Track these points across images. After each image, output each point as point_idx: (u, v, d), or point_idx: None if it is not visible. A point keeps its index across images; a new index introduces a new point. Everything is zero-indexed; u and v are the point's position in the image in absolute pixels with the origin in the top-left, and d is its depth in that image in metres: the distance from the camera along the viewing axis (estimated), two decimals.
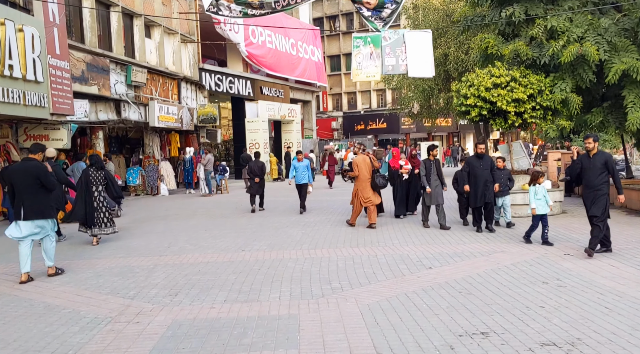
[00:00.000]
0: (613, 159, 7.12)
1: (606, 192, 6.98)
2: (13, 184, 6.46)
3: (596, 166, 7.01)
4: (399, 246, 8.12)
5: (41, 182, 6.45)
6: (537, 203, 7.83)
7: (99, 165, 8.91)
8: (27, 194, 6.39)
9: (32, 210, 6.40)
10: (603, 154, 7.15)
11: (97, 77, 15.24)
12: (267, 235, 9.61)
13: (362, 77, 11.73)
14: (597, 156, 7.09)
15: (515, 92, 10.70)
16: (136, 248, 8.66)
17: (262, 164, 13.18)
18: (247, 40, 25.35)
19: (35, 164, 6.60)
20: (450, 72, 22.83)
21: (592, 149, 7.12)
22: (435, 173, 9.58)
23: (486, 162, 9.02)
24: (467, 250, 7.70)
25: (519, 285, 5.72)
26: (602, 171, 6.95)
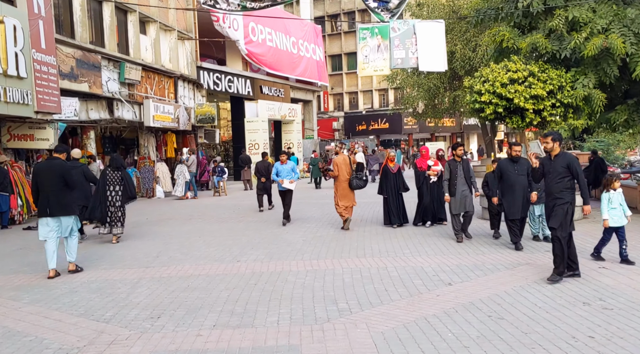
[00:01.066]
0: (578, 161, 5.91)
1: (568, 201, 5.77)
2: (38, 182, 6.73)
3: (556, 169, 5.86)
4: (411, 257, 7.33)
5: (65, 180, 6.70)
6: (611, 213, 6.51)
7: (116, 166, 9.05)
8: (52, 192, 6.64)
9: (57, 207, 6.63)
10: (565, 156, 5.97)
11: (87, 74, 14.48)
12: (265, 242, 8.83)
13: (369, 72, 10.92)
14: (558, 158, 5.92)
15: (533, 88, 9.93)
16: (121, 258, 7.88)
17: (268, 164, 13.47)
18: (246, 38, 24.60)
19: (60, 163, 6.85)
20: (456, 70, 22.06)
21: (552, 149, 5.94)
22: (463, 176, 8.29)
23: (522, 166, 7.62)
24: (488, 262, 6.91)
25: (557, 307, 4.93)
26: (564, 175, 5.82)
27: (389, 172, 9.93)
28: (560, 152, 5.99)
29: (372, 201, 14.40)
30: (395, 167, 9.99)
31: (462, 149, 8.47)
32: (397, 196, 9.86)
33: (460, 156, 8.40)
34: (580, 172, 5.84)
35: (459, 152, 8.41)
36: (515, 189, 7.57)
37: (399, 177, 9.96)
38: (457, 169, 8.30)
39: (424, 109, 24.86)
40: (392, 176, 9.91)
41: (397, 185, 9.89)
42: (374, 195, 16.54)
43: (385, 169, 9.98)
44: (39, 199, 6.70)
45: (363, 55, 10.73)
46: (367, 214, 12.04)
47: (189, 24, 21.30)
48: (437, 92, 22.92)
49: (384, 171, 10.00)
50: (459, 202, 8.25)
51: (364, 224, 10.46)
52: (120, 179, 9.02)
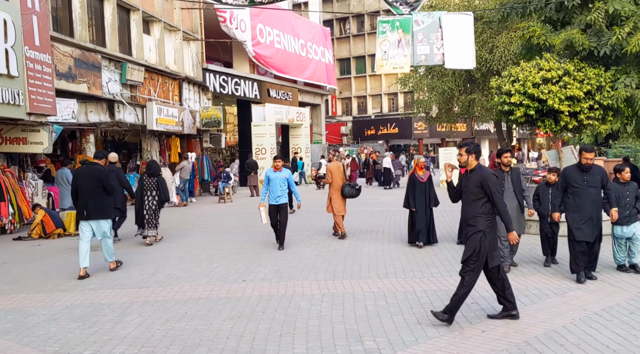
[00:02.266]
0: (494, 178, 4.76)
1: (481, 230, 4.63)
2: (78, 186, 7.01)
3: (470, 188, 4.76)
4: (441, 278, 6.42)
5: (103, 185, 6.97)
6: None
7: (151, 172, 9.44)
8: (89, 196, 6.93)
9: (94, 210, 6.93)
10: (480, 172, 4.74)
11: (86, 74, 13.73)
12: (273, 257, 7.96)
13: (387, 69, 10.03)
14: (473, 174, 4.77)
15: (569, 88, 9.03)
16: (114, 276, 7.03)
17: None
18: (254, 40, 23.85)
19: (99, 168, 7.16)
20: (472, 72, 21.15)
21: (467, 163, 4.81)
22: (512, 189, 6.64)
23: (594, 176, 6.13)
24: (532, 285, 5.99)
25: (636, 351, 4.02)
26: (478, 196, 4.69)
27: (417, 181, 8.51)
28: (476, 167, 4.79)
29: (388, 210, 13.53)
30: (425, 175, 8.61)
31: (510, 155, 6.84)
32: (426, 211, 8.46)
33: (508, 164, 6.80)
34: (494, 192, 4.65)
35: (506, 160, 6.78)
36: (585, 205, 6.08)
37: (429, 188, 8.56)
38: (505, 181, 6.68)
39: (438, 113, 23.94)
40: (421, 187, 8.52)
41: (427, 197, 8.50)
42: (390, 203, 15.70)
43: (413, 178, 8.56)
44: (77, 202, 7.05)
45: (382, 51, 9.80)
46: (384, 225, 11.15)
47: (194, 24, 20.58)
48: (452, 95, 22.03)
49: (412, 181, 8.58)
50: None
51: (382, 237, 9.57)
52: (156, 185, 9.45)
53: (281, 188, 8.45)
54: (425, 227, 8.43)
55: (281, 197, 8.47)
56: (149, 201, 9.31)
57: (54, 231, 10.42)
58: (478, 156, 4.86)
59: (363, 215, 12.75)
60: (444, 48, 9.83)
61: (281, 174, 8.53)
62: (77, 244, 9.66)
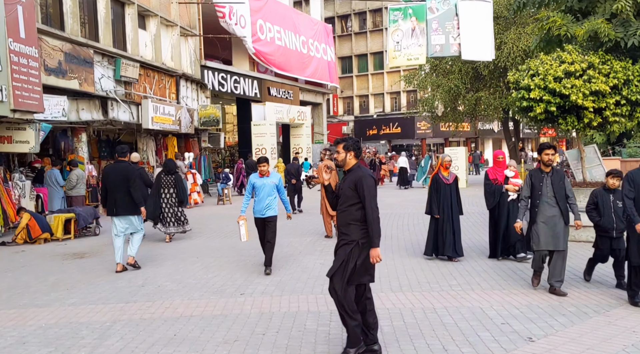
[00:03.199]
0: (370, 180, 3.99)
1: (354, 240, 3.94)
2: (107, 183, 7.18)
3: (345, 191, 4.05)
4: (463, 293, 5.74)
5: (127, 180, 7.08)
6: None
7: (168, 170, 9.63)
8: (118, 193, 7.06)
9: (123, 207, 7.10)
10: (357, 172, 4.02)
11: (77, 70, 13.06)
12: (274, 266, 7.28)
13: (401, 61, 9.31)
14: (349, 175, 4.07)
15: (594, 82, 8.34)
16: (98, 288, 6.37)
17: (297, 166, 13.31)
18: (254, 36, 23.18)
19: (126, 166, 7.28)
20: (479, 69, 20.46)
21: (343, 162, 4.11)
22: (552, 195, 5.54)
23: None
24: (567, 301, 5.31)
25: None
26: (353, 201, 3.97)
27: (442, 183, 7.39)
28: (354, 167, 4.08)
29: (394, 213, 12.83)
30: (451, 177, 7.45)
31: (552, 152, 5.61)
32: (452, 217, 7.34)
33: (549, 163, 5.63)
34: (367, 196, 3.89)
35: (547, 158, 5.59)
36: None
37: (454, 192, 7.42)
38: (544, 184, 5.57)
39: (444, 112, 23.24)
40: (446, 189, 7.36)
41: (453, 202, 7.36)
42: (395, 205, 14.93)
43: (437, 180, 7.45)
44: (107, 199, 7.23)
45: (394, 41, 9.06)
46: (392, 229, 10.47)
47: (192, 19, 19.91)
48: (458, 93, 21.32)
49: (435, 182, 7.46)
50: (545, 233, 5.51)
51: (392, 244, 8.89)
52: (174, 183, 9.59)
53: (270, 197, 6.87)
54: (450, 234, 7.30)
55: (269, 208, 6.86)
56: (166, 199, 9.53)
57: (40, 235, 9.75)
58: (358, 153, 4.13)
59: None
60: (461, 38, 9.09)
61: (269, 180, 6.91)
62: (63, 250, 9.06)
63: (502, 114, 22.29)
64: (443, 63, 22.04)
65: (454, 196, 7.41)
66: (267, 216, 6.87)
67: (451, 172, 7.55)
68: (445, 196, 7.35)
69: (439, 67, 22.37)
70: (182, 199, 9.69)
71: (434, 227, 7.46)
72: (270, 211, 6.89)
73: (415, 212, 13.00)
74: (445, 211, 7.35)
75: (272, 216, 6.92)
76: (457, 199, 7.45)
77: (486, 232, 8.19)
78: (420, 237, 9.45)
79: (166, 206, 9.54)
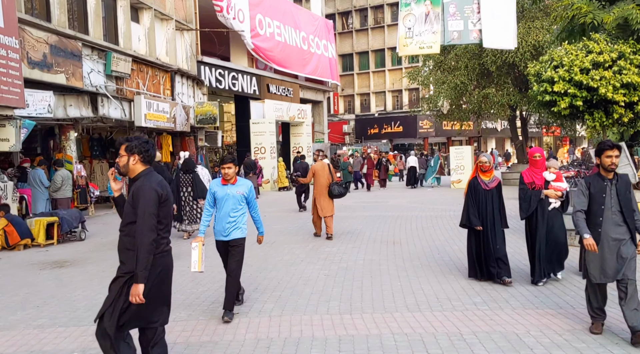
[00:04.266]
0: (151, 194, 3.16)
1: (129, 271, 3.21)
2: None
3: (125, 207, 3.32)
4: (491, 313, 4.98)
5: None
6: None
7: (187, 169, 9.67)
8: None
9: None
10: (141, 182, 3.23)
11: (64, 64, 12.28)
12: (273, 277, 6.53)
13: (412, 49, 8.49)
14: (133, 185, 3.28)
15: (625, 74, 7.60)
16: (73, 304, 5.60)
17: (306, 164, 13.14)
18: (253, 31, 22.42)
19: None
20: (487, 65, 19.68)
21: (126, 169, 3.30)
22: (618, 209, 4.18)
23: None
24: (618, 325, 4.54)
25: None
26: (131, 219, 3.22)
27: (480, 189, 6.03)
28: (142, 174, 3.24)
29: (401, 215, 12.00)
30: (493, 181, 6.07)
31: (616, 154, 4.22)
32: (494, 230, 6.01)
33: (611, 168, 4.24)
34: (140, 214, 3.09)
35: (609, 162, 4.22)
36: None
37: (496, 200, 6.07)
38: (607, 195, 4.25)
39: (449, 110, 22.47)
40: (486, 196, 6.01)
41: (494, 212, 6.03)
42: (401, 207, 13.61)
43: (474, 185, 6.09)
44: None
45: (405, 27, 8.23)
46: (400, 234, 9.69)
47: (188, 13, 19.13)
48: (465, 90, 20.55)
49: (473, 188, 6.09)
50: (608, 258, 4.20)
51: (401, 251, 8.12)
52: (191, 181, 9.58)
53: (235, 212, 4.97)
54: (492, 251, 5.96)
55: (235, 227, 4.97)
56: (185, 197, 9.58)
57: (19, 242, 8.99)
58: (146, 158, 3.26)
59: (374, 221, 11.33)
60: (482, 23, 8.27)
61: (235, 189, 4.98)
62: (43, 257, 8.30)
63: (510, 112, 21.54)
64: (448, 59, 21.28)
65: (496, 204, 6.02)
66: (231, 238, 4.98)
67: (494, 176, 6.10)
68: (485, 204, 5.98)
69: (444, 63, 21.61)
70: (198, 195, 9.60)
71: (473, 242, 6.10)
72: (236, 231, 4.98)
73: (424, 214, 12.24)
74: (486, 223, 5.98)
75: (238, 239, 4.99)
76: (500, 208, 6.06)
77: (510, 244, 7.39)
78: (431, 243, 8.70)
79: (185, 204, 9.62)
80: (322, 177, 9.25)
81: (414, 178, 21.15)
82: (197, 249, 4.78)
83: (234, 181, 5.03)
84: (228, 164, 4.99)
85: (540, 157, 5.92)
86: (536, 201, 5.81)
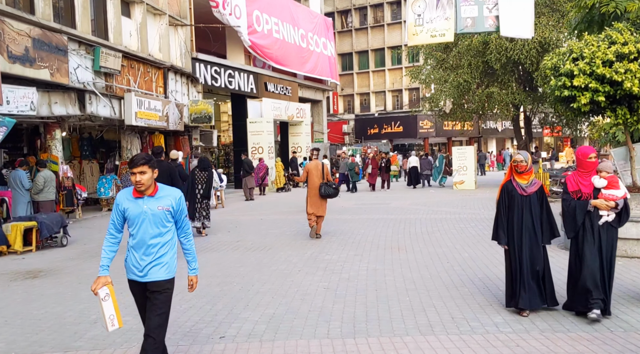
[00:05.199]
0: None
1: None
2: None
3: None
4: (515, 336, 4.32)
5: (172, 178, 7.79)
6: None
7: (203, 166, 9.97)
8: None
9: None
10: None
11: (48, 58, 11.60)
12: (267, 291, 5.87)
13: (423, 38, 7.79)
14: None
15: None
16: (37, 324, 4.93)
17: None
18: (250, 28, 21.76)
19: (167, 164, 8.09)
20: (491, 63, 19.05)
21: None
22: None
23: None
24: None
25: None
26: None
27: (516, 194, 4.82)
28: None
29: (404, 218, 11.31)
30: (534, 185, 4.82)
31: None
32: (535, 246, 4.79)
33: None
34: None
35: None
36: None
37: (537, 208, 4.82)
38: None
39: (452, 109, 21.82)
40: (523, 203, 4.79)
41: (534, 222, 4.79)
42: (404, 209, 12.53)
43: (509, 190, 4.88)
44: None
45: (415, 13, 7.53)
46: (405, 239, 9.03)
47: (183, 8, 18.47)
48: (468, 89, 19.91)
49: (507, 194, 4.88)
50: None
51: (407, 259, 7.47)
52: (206, 179, 9.86)
53: (156, 238, 3.39)
54: (535, 277, 4.75)
55: (156, 262, 3.39)
56: (199, 194, 9.80)
57: None
58: None
59: (376, 225, 10.68)
60: (499, 9, 7.59)
61: (156, 203, 3.38)
62: (17, 266, 7.64)
63: (514, 111, 20.90)
64: (451, 56, 20.64)
65: (536, 214, 4.77)
66: (150, 279, 3.36)
67: (533, 179, 4.84)
68: (521, 213, 4.77)
69: (446, 61, 20.98)
70: (205, 195, 9.93)
71: (509, 262, 4.91)
72: (157, 269, 3.37)
73: (428, 217, 11.60)
74: (522, 237, 4.76)
75: (161, 282, 3.37)
76: (543, 218, 4.79)
77: None
78: (439, 249, 8.05)
79: (200, 201, 9.87)
80: (315, 176, 9.26)
81: (416, 178, 21.11)
82: (109, 299, 3.31)
83: (152, 192, 3.37)
84: (140, 166, 3.29)
85: (595, 159, 4.72)
86: (582, 214, 4.65)
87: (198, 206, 9.86)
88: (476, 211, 12.66)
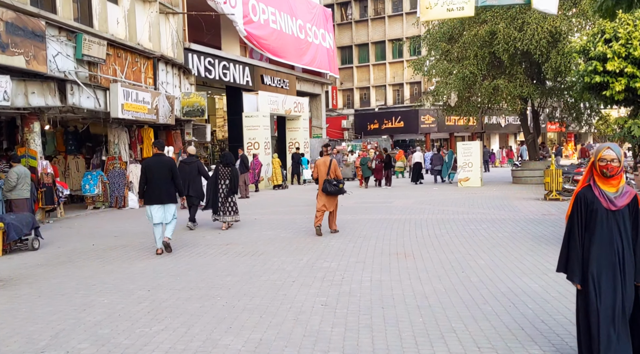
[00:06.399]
0: None
1: None
2: (148, 174, 7.67)
3: None
4: None
5: (172, 173, 7.79)
6: None
7: (226, 162, 10.05)
8: (163, 184, 7.69)
9: (166, 196, 7.72)
10: None
11: (23, 44, 10.70)
12: (254, 309, 5.00)
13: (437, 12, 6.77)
14: None
15: None
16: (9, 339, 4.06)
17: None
18: (246, 18, 20.85)
19: (168, 159, 8.00)
20: (498, 54, 18.14)
21: None
22: None
23: None
24: None
25: None
26: None
27: (601, 208, 3.25)
28: None
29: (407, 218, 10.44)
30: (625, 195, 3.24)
31: None
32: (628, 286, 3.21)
33: None
34: None
35: None
36: None
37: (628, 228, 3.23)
38: None
39: (457, 102, 20.91)
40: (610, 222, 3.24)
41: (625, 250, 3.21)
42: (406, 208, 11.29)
43: (588, 201, 3.30)
44: (146, 189, 7.65)
45: None
46: (410, 242, 8.16)
47: None
48: (474, 81, 19.00)
49: (583, 205, 3.31)
50: None
51: (415, 266, 6.60)
52: (230, 174, 9.95)
53: None
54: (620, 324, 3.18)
55: None
56: (222, 189, 9.90)
57: None
58: None
59: (378, 226, 9.82)
60: None
61: None
62: None
63: (522, 104, 20.00)
64: (456, 48, 19.71)
65: (627, 236, 3.22)
66: None
67: (624, 187, 3.28)
68: (606, 236, 3.24)
69: (451, 52, 20.05)
70: (234, 191, 9.99)
71: (585, 304, 3.29)
72: None
73: (435, 218, 10.73)
74: (607, 271, 3.22)
75: None
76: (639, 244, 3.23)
77: None
78: (450, 255, 7.18)
79: (223, 196, 9.87)
80: (323, 172, 9.22)
81: (419, 174, 20.79)
82: None
83: None
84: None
85: None
86: None
87: (222, 200, 9.87)
88: (486, 211, 11.80)
